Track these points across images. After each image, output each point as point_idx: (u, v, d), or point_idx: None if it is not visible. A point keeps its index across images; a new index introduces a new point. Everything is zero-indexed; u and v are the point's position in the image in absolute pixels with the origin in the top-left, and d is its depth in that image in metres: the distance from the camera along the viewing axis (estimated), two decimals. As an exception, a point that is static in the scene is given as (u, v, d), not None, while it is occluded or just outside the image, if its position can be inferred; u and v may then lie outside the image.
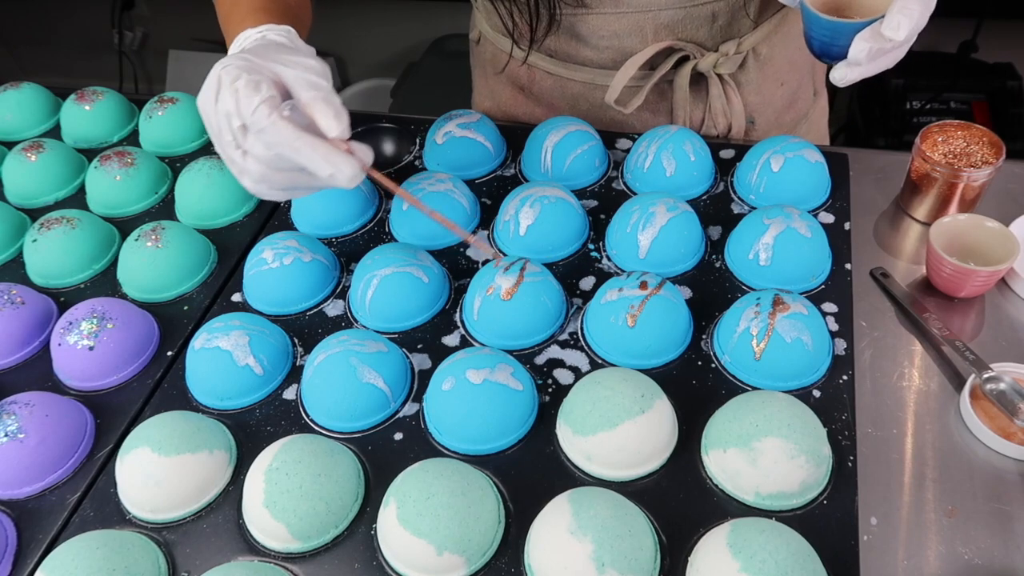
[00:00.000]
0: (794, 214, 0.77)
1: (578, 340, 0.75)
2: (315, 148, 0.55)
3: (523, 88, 0.99)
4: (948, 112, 1.81)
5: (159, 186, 0.96)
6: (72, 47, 2.53)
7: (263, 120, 0.55)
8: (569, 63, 0.92)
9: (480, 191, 0.91)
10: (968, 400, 0.69)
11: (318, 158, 0.55)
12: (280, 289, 0.79)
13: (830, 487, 0.62)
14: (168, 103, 1.02)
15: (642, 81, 0.89)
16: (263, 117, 0.55)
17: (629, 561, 0.55)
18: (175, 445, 0.64)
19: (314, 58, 0.61)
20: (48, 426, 0.68)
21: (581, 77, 0.93)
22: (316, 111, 0.57)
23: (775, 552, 0.54)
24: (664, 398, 0.66)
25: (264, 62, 0.58)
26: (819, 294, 0.77)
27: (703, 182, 0.88)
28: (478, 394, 0.65)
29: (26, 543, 0.65)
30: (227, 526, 0.64)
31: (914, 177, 0.86)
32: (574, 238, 0.83)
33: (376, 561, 0.61)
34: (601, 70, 0.91)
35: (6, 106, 1.08)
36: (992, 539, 0.62)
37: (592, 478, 0.64)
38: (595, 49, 0.90)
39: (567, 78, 0.94)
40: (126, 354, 0.75)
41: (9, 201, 0.97)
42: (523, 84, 0.99)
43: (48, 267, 0.86)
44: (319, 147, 0.55)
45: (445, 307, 0.79)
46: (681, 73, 0.89)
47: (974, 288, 0.78)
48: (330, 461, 0.63)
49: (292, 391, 0.73)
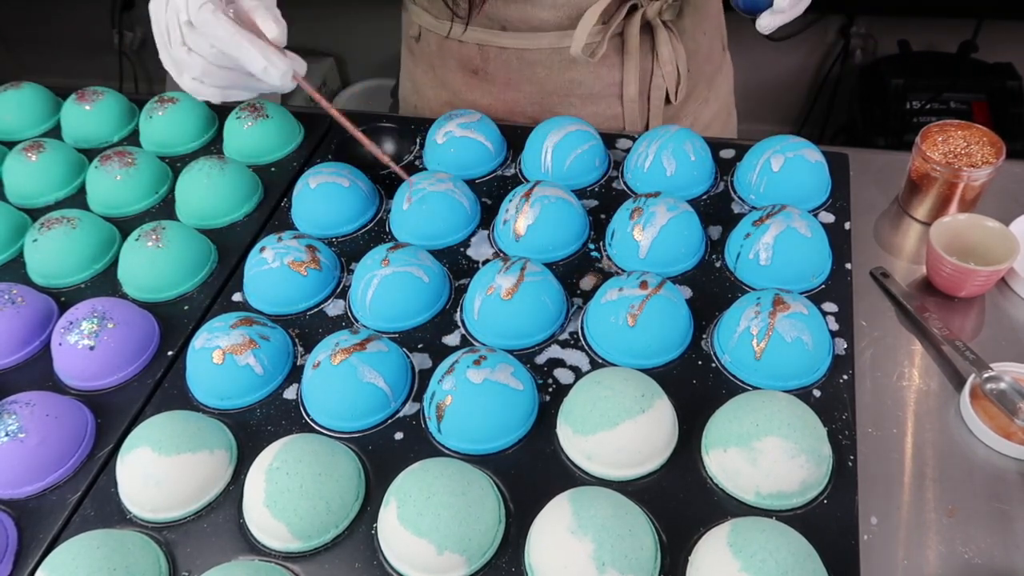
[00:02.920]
0: (794, 214, 0.77)
1: (578, 340, 0.75)
2: (252, 43, 0.60)
3: (476, 71, 1.00)
4: (948, 112, 1.81)
5: (159, 186, 0.96)
6: (72, 47, 2.53)
7: (207, 15, 0.60)
8: (524, 31, 0.94)
9: (480, 191, 0.91)
10: (968, 400, 0.69)
11: (255, 52, 0.60)
12: (280, 289, 0.79)
13: (830, 487, 0.63)
14: (168, 103, 1.02)
15: (598, 36, 0.93)
16: (208, 13, 0.60)
17: (629, 561, 0.56)
18: (175, 445, 0.64)
19: None
20: (49, 426, 0.68)
21: (540, 44, 0.95)
22: (257, 15, 0.63)
23: (775, 552, 0.54)
24: (664, 398, 0.66)
25: None
26: (819, 294, 0.77)
27: (703, 182, 0.88)
28: (478, 394, 0.65)
29: (27, 542, 0.65)
30: (227, 526, 0.64)
31: (914, 177, 0.86)
32: (574, 238, 0.83)
33: (376, 560, 0.61)
34: (559, 32, 0.94)
35: (6, 106, 1.07)
36: (992, 539, 0.62)
37: (592, 478, 0.64)
38: (552, 8, 0.92)
39: (525, 48, 0.96)
40: (126, 354, 0.75)
41: (9, 201, 0.97)
42: (476, 67, 1.00)
43: (48, 267, 0.86)
44: (256, 42, 0.61)
45: (445, 307, 0.79)
46: (632, 22, 0.93)
47: (974, 288, 0.78)
48: (331, 461, 0.63)
49: (292, 391, 0.73)
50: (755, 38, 0.79)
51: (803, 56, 2.10)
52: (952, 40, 1.87)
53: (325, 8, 2.27)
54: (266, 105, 1.00)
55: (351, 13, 2.30)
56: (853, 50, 2.03)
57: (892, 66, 1.90)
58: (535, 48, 0.95)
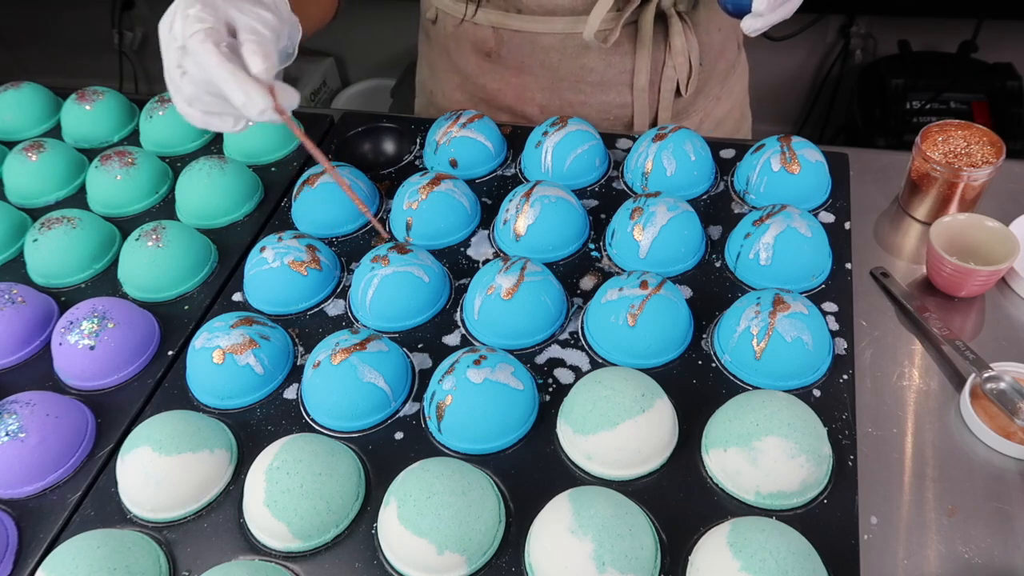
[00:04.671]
0: (794, 214, 0.77)
1: (578, 339, 0.75)
2: (234, 75, 0.60)
3: (489, 54, 1.01)
4: (948, 112, 1.81)
5: (160, 186, 0.96)
6: (72, 47, 2.53)
7: (196, 44, 0.61)
8: (539, 15, 0.95)
9: (480, 191, 0.91)
10: (968, 399, 0.69)
11: (234, 85, 0.60)
12: (280, 289, 0.79)
13: (830, 486, 0.63)
14: (168, 103, 1.02)
15: (612, 23, 0.93)
16: (197, 42, 0.61)
17: (629, 560, 0.56)
18: (176, 444, 0.64)
19: (273, 13, 0.66)
20: (49, 425, 0.68)
21: (553, 28, 0.96)
22: (246, 49, 0.62)
23: (775, 551, 0.54)
24: (664, 397, 0.66)
25: (224, 3, 0.63)
26: (819, 294, 0.77)
27: (703, 182, 0.88)
28: (478, 394, 0.65)
29: (27, 542, 0.65)
30: (228, 525, 0.64)
31: (914, 177, 0.86)
32: (574, 238, 0.83)
33: (377, 560, 0.61)
34: (573, 17, 0.94)
35: (6, 106, 1.08)
36: (992, 538, 0.62)
37: (592, 477, 0.64)
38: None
39: (539, 32, 0.96)
40: (127, 353, 0.75)
41: (10, 201, 0.97)
42: (489, 49, 1.01)
43: (49, 266, 0.86)
44: (237, 75, 0.60)
45: (446, 307, 0.79)
46: (646, 11, 0.94)
47: (974, 288, 0.78)
48: (331, 460, 0.63)
49: (293, 390, 0.73)
50: (756, 38, 0.79)
51: (803, 56, 2.10)
52: (952, 40, 1.87)
53: (325, 8, 2.27)
54: (266, 105, 1.00)
55: (351, 13, 2.30)
56: (853, 50, 2.03)
57: (892, 66, 1.90)
58: (549, 32, 0.96)
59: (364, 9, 2.27)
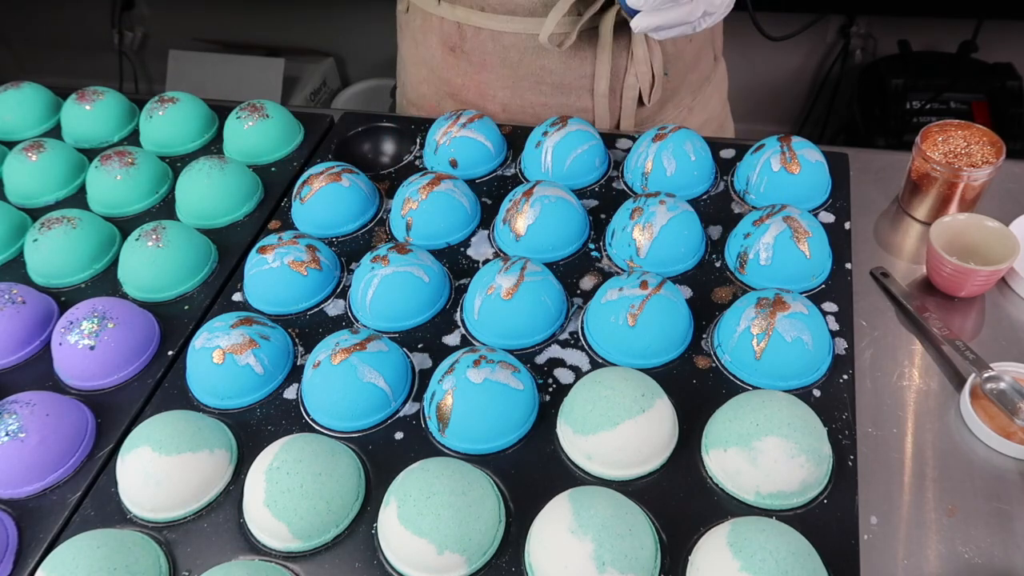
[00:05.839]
0: (794, 214, 0.77)
1: (578, 339, 0.75)
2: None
3: (454, 48, 1.01)
4: (948, 112, 1.81)
5: (160, 186, 0.96)
6: (72, 47, 2.53)
7: None
8: (500, 13, 0.95)
9: (480, 191, 0.91)
10: (968, 399, 0.69)
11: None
12: (280, 289, 0.79)
13: (830, 486, 0.63)
14: (168, 103, 1.02)
15: (569, 27, 0.93)
16: None
17: (629, 560, 0.56)
18: (176, 444, 0.64)
19: None
20: (49, 425, 0.68)
21: (514, 28, 0.96)
22: None
23: (775, 551, 0.54)
24: (664, 397, 0.66)
25: None
26: (819, 294, 0.77)
27: (703, 182, 0.88)
28: (478, 394, 0.65)
29: (27, 542, 0.65)
30: (228, 525, 0.64)
31: (914, 177, 0.86)
32: (574, 238, 0.83)
33: (376, 560, 0.61)
34: (532, 18, 0.95)
35: (6, 106, 1.08)
36: (992, 538, 0.62)
37: (592, 477, 0.64)
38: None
39: (500, 30, 0.97)
40: (127, 353, 0.75)
41: (10, 201, 0.97)
42: (454, 44, 1.01)
43: (49, 267, 0.86)
44: None
45: (445, 307, 0.79)
46: (606, 17, 0.93)
47: (974, 288, 0.78)
48: (331, 460, 0.63)
49: (293, 390, 0.73)
50: (755, 38, 0.79)
51: (803, 56, 2.10)
52: (952, 40, 1.87)
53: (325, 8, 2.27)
54: (266, 105, 1.00)
55: (351, 13, 2.30)
56: (853, 50, 2.03)
57: (892, 66, 1.90)
58: (510, 32, 0.96)
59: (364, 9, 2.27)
